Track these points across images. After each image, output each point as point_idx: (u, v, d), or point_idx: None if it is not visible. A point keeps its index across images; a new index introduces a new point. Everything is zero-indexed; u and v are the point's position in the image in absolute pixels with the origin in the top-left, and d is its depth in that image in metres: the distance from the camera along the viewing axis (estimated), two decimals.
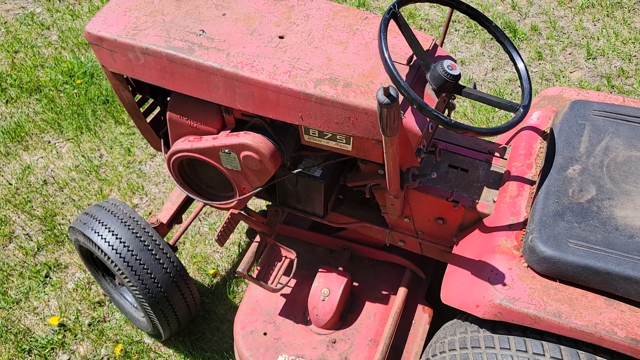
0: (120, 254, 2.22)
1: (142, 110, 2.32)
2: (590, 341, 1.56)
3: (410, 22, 4.30)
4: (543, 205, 1.75)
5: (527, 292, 1.64)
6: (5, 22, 4.51)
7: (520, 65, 1.83)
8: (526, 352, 1.64)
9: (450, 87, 1.78)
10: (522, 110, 1.74)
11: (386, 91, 1.37)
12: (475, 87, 1.97)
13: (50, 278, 2.96)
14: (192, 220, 2.70)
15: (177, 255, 2.56)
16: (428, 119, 1.78)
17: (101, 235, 2.25)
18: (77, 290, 2.90)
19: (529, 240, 1.69)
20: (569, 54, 4.01)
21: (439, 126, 2.00)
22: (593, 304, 1.60)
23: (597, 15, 4.25)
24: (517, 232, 1.83)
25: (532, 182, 1.97)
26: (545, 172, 1.85)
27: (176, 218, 2.59)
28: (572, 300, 1.61)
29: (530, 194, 1.94)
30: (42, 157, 3.54)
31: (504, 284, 1.68)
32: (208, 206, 2.74)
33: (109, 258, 2.23)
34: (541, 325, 1.60)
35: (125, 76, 2.12)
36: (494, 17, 4.27)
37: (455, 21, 4.31)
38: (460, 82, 1.83)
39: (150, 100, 2.38)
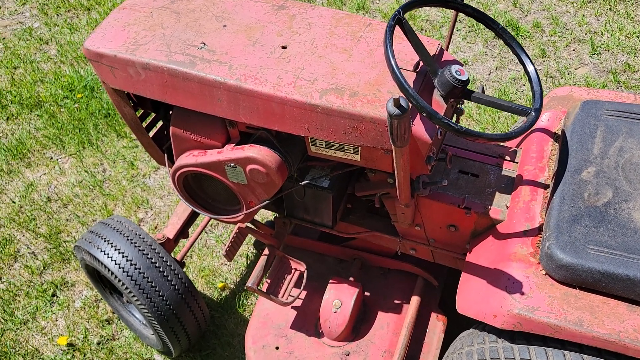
0: (127, 272, 2.18)
1: (144, 125, 2.29)
2: (614, 350, 1.52)
3: (411, 23, 4.27)
4: (559, 210, 1.70)
5: (547, 301, 1.60)
6: (4, 38, 4.48)
7: (530, 68, 1.79)
8: None
9: (459, 92, 1.74)
10: (534, 114, 1.69)
11: (396, 102, 1.33)
12: (483, 91, 1.93)
13: (57, 297, 2.92)
14: (199, 234, 2.66)
15: (184, 271, 2.53)
16: (437, 126, 1.74)
17: (107, 254, 2.21)
18: (84, 308, 2.86)
19: (546, 247, 1.65)
20: (573, 50, 3.96)
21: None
22: (615, 311, 1.56)
23: (600, 9, 4.20)
24: (533, 239, 1.79)
25: (545, 186, 1.93)
26: (559, 176, 1.81)
27: (182, 233, 2.55)
28: (593, 307, 1.57)
29: (544, 198, 1.89)
30: (44, 174, 3.51)
31: (522, 293, 1.64)
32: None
33: (115, 276, 2.20)
34: (562, 335, 1.56)
35: (126, 92, 2.09)
36: (496, 15, 4.23)
37: (457, 21, 4.26)
38: (468, 87, 1.79)
39: (153, 115, 2.34)
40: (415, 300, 2.36)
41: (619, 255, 1.57)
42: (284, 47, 1.89)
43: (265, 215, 3.19)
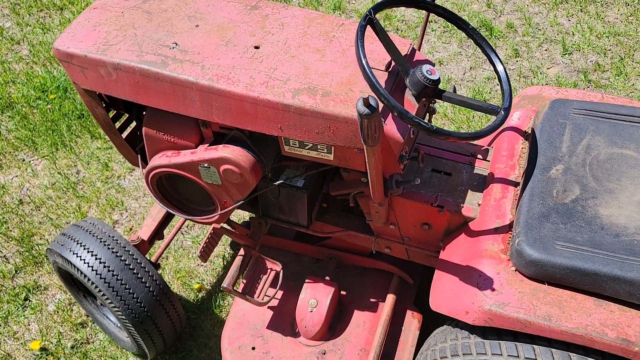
0: (100, 274, 2.16)
1: (117, 126, 2.27)
2: (581, 343, 1.55)
3: (387, 23, 4.29)
4: (528, 207, 1.73)
5: (517, 297, 1.63)
6: None
7: (500, 68, 1.82)
8: (518, 357, 1.62)
9: (430, 92, 1.76)
10: (503, 112, 1.72)
11: (366, 101, 1.34)
12: (455, 91, 1.95)
13: (29, 301, 2.88)
14: (174, 236, 2.64)
15: (159, 272, 2.51)
16: (409, 126, 1.76)
17: (80, 257, 2.19)
18: (58, 312, 2.82)
19: (515, 244, 1.67)
20: (545, 50, 4.03)
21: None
22: (582, 305, 1.59)
23: (571, 10, 4.28)
24: (504, 235, 1.82)
25: (516, 184, 1.96)
26: (528, 173, 1.84)
27: (157, 234, 2.53)
28: (561, 302, 1.60)
29: (514, 195, 1.92)
30: (16, 176, 3.45)
31: (493, 289, 1.66)
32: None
33: (89, 279, 2.17)
34: (532, 330, 1.58)
35: (97, 92, 2.06)
36: (470, 15, 4.28)
37: (432, 22, 4.30)
38: (440, 86, 1.81)
39: (126, 115, 2.32)
40: (390, 298, 2.38)
41: (585, 251, 1.60)
42: (256, 47, 1.89)
43: (242, 215, 3.18)
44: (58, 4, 4.67)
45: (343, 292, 2.47)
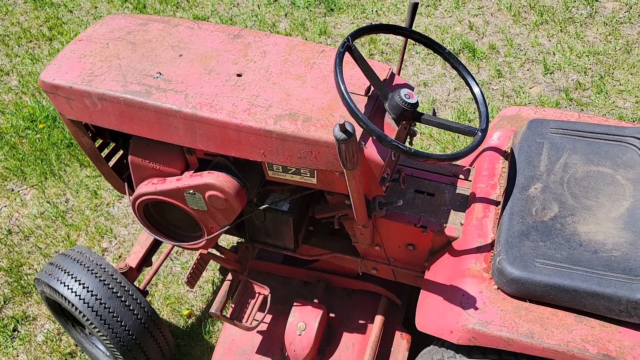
0: (87, 303, 2.16)
1: (104, 154, 2.29)
2: None
3: (372, 47, 4.37)
4: (508, 226, 1.76)
5: (499, 315, 1.65)
6: None
7: (476, 90, 1.86)
8: None
9: (409, 115, 1.80)
10: (480, 134, 1.76)
11: (342, 127, 1.37)
12: (435, 113, 1.99)
13: (18, 332, 2.86)
14: (163, 262, 2.65)
15: (148, 299, 2.51)
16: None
17: (67, 286, 2.19)
18: (47, 342, 2.80)
19: (497, 262, 1.70)
20: (527, 70, 4.11)
21: None
22: (564, 322, 1.61)
23: (551, 30, 4.38)
24: (486, 254, 1.84)
25: (497, 203, 1.99)
26: (508, 192, 1.88)
27: (145, 261, 2.54)
28: (543, 319, 1.62)
29: (495, 214, 1.96)
30: (5, 206, 3.45)
31: (476, 308, 1.68)
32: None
33: (76, 309, 2.17)
34: (515, 347, 1.60)
35: (83, 122, 2.09)
36: (453, 38, 4.37)
37: (415, 44, 4.39)
38: (422, 108, 1.85)
39: (112, 144, 2.35)
40: (379, 319, 2.38)
41: (565, 268, 1.63)
42: (239, 75, 1.93)
43: (230, 240, 3.19)
44: (47, 34, 4.73)
45: (332, 315, 2.48)
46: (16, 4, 5.06)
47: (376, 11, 4.74)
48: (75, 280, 2.19)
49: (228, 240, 3.18)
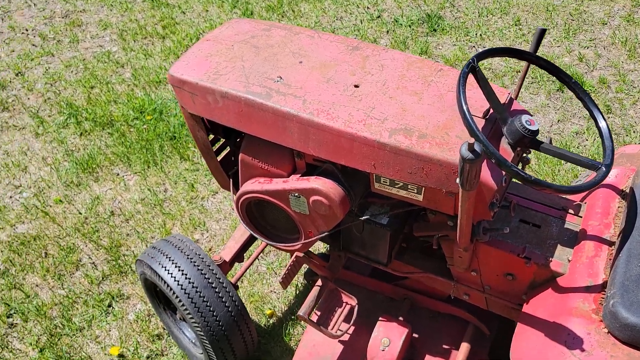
0: (185, 289, 2.25)
1: (213, 150, 2.39)
2: None
3: None
4: (625, 269, 1.67)
5: None
6: (84, 59, 4.79)
7: (602, 124, 1.79)
8: None
9: (528, 142, 1.76)
10: (604, 169, 1.69)
11: (471, 146, 1.36)
12: (551, 142, 1.93)
13: (112, 308, 3.03)
14: (255, 259, 2.72)
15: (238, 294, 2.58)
16: (503, 173, 1.76)
17: (168, 270, 2.30)
18: (137, 321, 2.95)
19: (610, 305, 1.61)
20: None
21: (512, 180, 1.97)
22: None
23: None
24: (595, 295, 1.75)
25: (610, 243, 1.89)
26: (625, 234, 1.78)
27: (238, 257, 2.61)
28: None
29: (608, 255, 1.86)
30: (110, 189, 3.68)
31: (583, 350, 1.60)
32: (267, 246, 2.77)
33: (174, 293, 2.27)
34: None
35: (202, 117, 2.20)
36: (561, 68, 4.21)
37: (518, 71, 4.28)
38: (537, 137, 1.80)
39: (221, 141, 2.44)
40: (465, 346, 2.32)
41: None
42: (356, 86, 1.96)
43: (317, 247, 3.23)
44: (161, 32, 5.02)
45: (415, 335, 2.45)
46: (135, 2, 5.41)
47: (480, 35, 4.67)
48: (175, 266, 2.30)
49: (315, 247, 3.22)
